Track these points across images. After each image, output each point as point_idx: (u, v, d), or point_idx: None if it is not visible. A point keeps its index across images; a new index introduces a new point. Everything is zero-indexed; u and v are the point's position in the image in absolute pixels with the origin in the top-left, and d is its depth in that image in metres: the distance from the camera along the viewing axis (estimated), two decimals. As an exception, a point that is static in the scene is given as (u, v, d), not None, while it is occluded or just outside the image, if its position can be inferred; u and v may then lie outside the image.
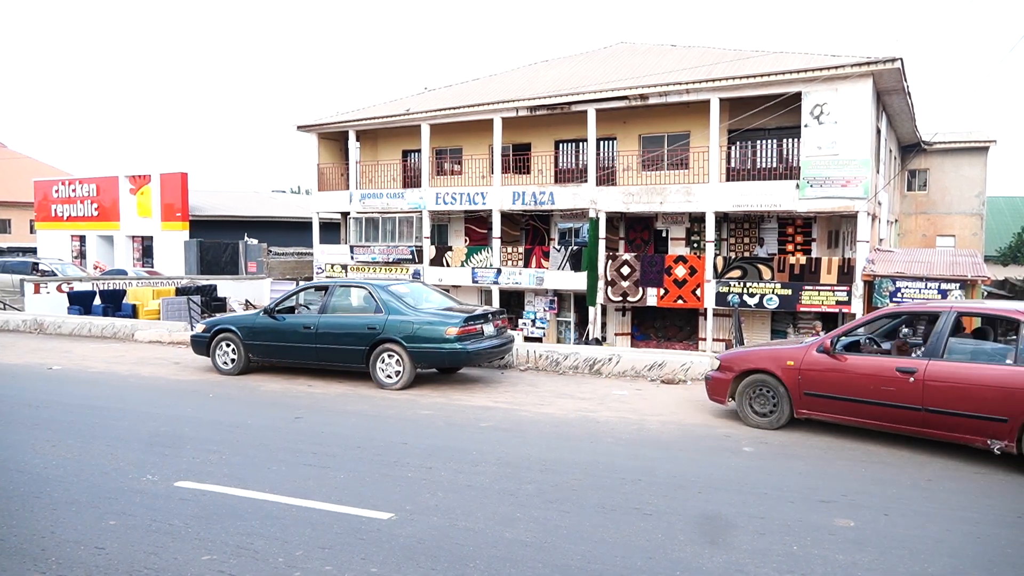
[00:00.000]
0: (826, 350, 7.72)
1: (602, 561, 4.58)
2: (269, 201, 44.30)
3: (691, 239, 22.32)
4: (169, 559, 4.56)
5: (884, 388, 7.21)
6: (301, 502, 5.58)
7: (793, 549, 4.79)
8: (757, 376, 8.18)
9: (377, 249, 25.46)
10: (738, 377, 8.33)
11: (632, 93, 20.59)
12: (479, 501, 5.67)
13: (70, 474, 6.31)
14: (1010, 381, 6.50)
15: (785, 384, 7.93)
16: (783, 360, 8.00)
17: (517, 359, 12.25)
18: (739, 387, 8.31)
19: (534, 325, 23.80)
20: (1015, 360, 6.64)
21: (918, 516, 5.44)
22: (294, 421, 8.42)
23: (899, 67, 17.57)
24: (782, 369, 7.97)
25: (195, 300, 21.31)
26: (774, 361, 8.08)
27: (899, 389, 7.09)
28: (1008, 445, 6.53)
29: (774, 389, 8.05)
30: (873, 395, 7.30)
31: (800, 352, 7.92)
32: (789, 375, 7.90)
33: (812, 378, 7.73)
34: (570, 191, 22.07)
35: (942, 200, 30.66)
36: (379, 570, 4.41)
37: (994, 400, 6.55)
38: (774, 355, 8.17)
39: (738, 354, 8.66)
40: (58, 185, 38.89)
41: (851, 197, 18.16)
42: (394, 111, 25.29)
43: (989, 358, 6.94)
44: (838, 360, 7.62)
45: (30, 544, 4.80)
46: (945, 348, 7.03)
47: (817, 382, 7.69)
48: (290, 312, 11.44)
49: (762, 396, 8.14)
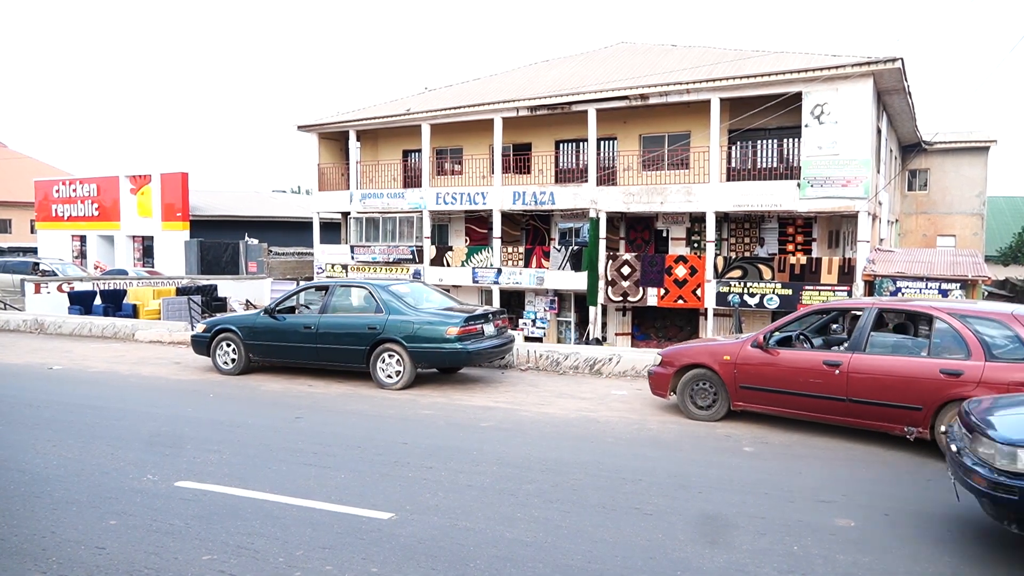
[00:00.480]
0: (760, 345, 8.11)
1: (602, 561, 4.58)
2: (269, 201, 44.31)
3: (691, 239, 22.32)
4: (169, 559, 4.56)
5: (812, 380, 7.63)
6: (302, 502, 5.58)
7: (794, 549, 4.79)
8: (697, 371, 8.54)
9: (377, 249, 25.47)
10: (679, 372, 8.68)
11: (632, 93, 20.59)
12: (479, 501, 5.67)
13: (71, 474, 6.31)
14: (924, 372, 6.98)
15: (722, 378, 8.31)
16: (720, 355, 8.37)
17: (518, 359, 12.25)
18: (680, 382, 8.66)
19: (534, 325, 23.80)
20: (928, 352, 7.13)
21: (919, 516, 5.44)
22: (294, 421, 8.42)
23: (900, 67, 17.56)
24: (719, 364, 8.34)
25: (195, 300, 21.31)
26: (712, 356, 8.45)
27: (826, 381, 7.51)
28: (922, 431, 6.99)
29: (713, 383, 8.41)
30: (803, 387, 7.70)
31: (736, 347, 8.29)
32: (726, 369, 8.28)
33: (747, 372, 8.12)
34: (570, 191, 22.07)
35: (943, 200, 30.64)
36: (380, 570, 4.41)
37: (910, 390, 7.02)
38: (712, 350, 8.54)
39: (679, 350, 9.02)
40: (59, 185, 38.91)
41: (851, 197, 18.15)
42: (394, 111, 25.30)
43: (907, 351, 7.48)
44: (771, 355, 8.02)
45: (31, 544, 4.80)
46: (867, 342, 7.48)
47: (752, 376, 8.08)
48: (290, 312, 11.44)
49: (702, 390, 8.50)
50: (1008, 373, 6.60)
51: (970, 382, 6.71)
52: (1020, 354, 6.65)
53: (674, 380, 8.71)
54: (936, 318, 7.20)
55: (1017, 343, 6.72)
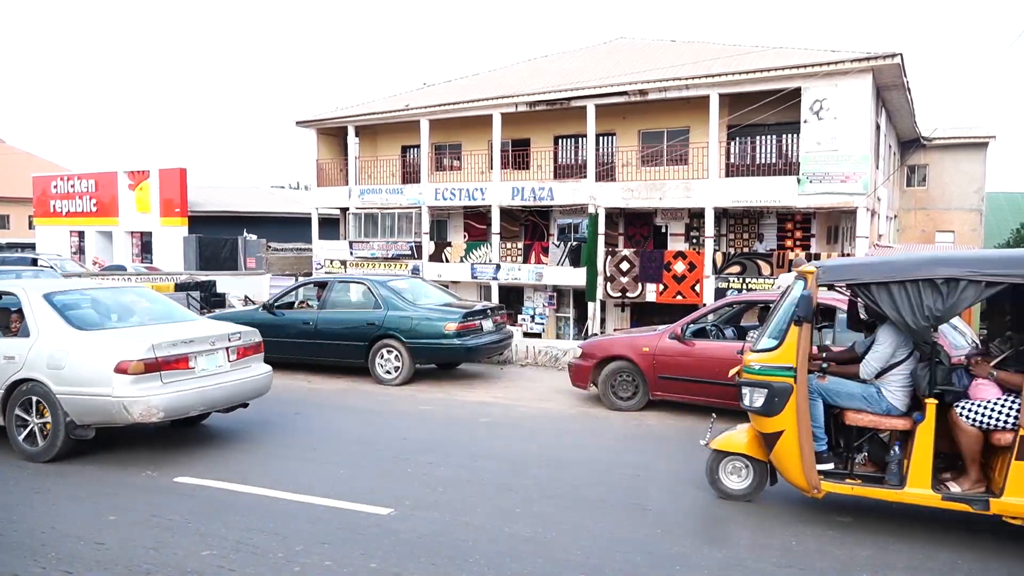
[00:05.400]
0: (677, 336, 8.40)
1: (601, 556, 4.59)
2: (268, 197, 44.23)
3: (690, 235, 22.32)
4: (169, 554, 4.57)
5: (727, 369, 7.69)
6: (300, 497, 5.58)
7: (792, 544, 4.80)
8: (617, 363, 8.77)
9: (376, 245, 25.45)
10: (599, 364, 8.89)
11: (631, 89, 20.56)
12: (479, 496, 5.68)
13: (69, 469, 6.31)
14: None
15: (641, 369, 8.56)
16: (639, 347, 8.63)
17: (516, 355, 12.26)
18: (602, 373, 8.86)
19: (533, 321, 23.81)
20: (833, 341, 7.53)
21: (916, 512, 5.44)
22: (293, 417, 8.43)
23: (899, 63, 17.54)
24: (639, 355, 8.58)
25: (194, 296, 21.21)
26: (631, 348, 8.68)
27: None
28: None
29: (633, 374, 8.67)
30: (718, 376, 7.78)
31: (654, 339, 8.56)
32: (645, 360, 8.54)
33: (665, 363, 8.39)
34: (569, 187, 22.06)
35: (941, 196, 30.64)
36: (379, 565, 4.42)
37: None
38: (631, 342, 8.78)
39: (598, 342, 9.28)
40: (57, 181, 38.80)
41: (850, 193, 18.14)
42: (393, 106, 25.25)
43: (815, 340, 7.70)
44: (687, 345, 8.32)
45: (30, 538, 4.80)
46: None
47: (669, 366, 8.36)
48: (289, 308, 11.44)
49: (624, 382, 8.75)
50: None
51: None
52: None
53: (594, 372, 8.92)
54: (838, 308, 7.44)
55: None
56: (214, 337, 6.90)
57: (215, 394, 6.73)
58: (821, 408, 5.24)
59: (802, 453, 5.01)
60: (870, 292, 4.91)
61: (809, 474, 5.03)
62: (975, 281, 4.61)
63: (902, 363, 5.05)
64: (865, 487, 5.00)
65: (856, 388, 5.17)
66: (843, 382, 5.25)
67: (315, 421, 8.23)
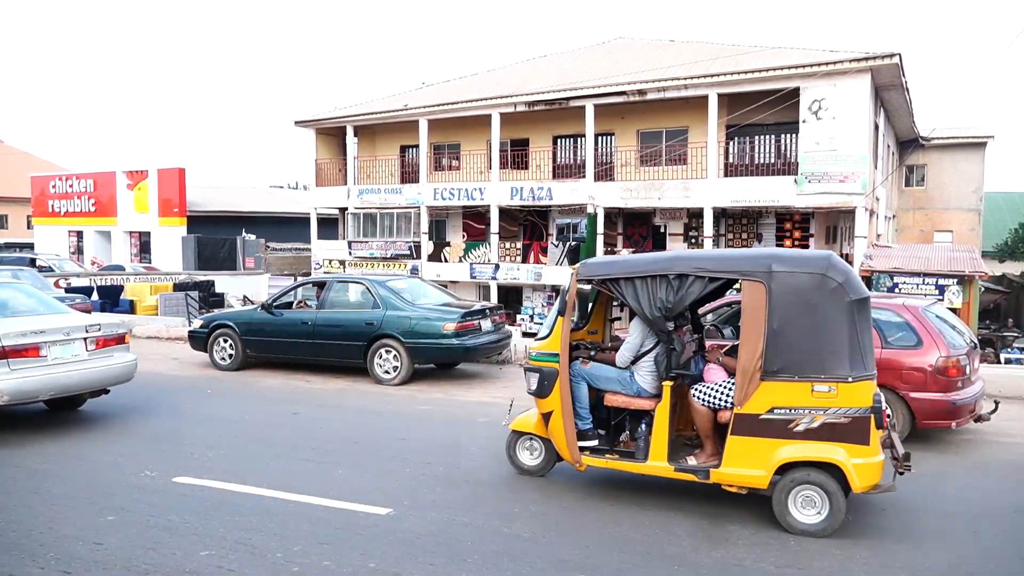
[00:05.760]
0: None
1: (600, 556, 4.59)
2: (267, 197, 44.22)
3: (689, 234, 22.32)
4: (167, 554, 4.56)
5: None
6: (299, 497, 5.58)
7: (790, 543, 4.80)
8: None
9: (375, 245, 25.45)
10: None
11: (630, 88, 20.57)
12: (477, 496, 5.68)
13: (68, 470, 6.31)
14: None
15: None
16: None
17: (515, 355, 12.25)
18: None
19: (532, 321, 23.80)
20: None
21: (915, 511, 5.45)
22: (292, 416, 8.42)
23: (897, 62, 17.56)
24: None
25: (193, 296, 21.24)
26: None
27: None
28: None
29: None
30: None
31: None
32: None
33: None
34: (568, 186, 22.06)
35: (940, 196, 30.66)
36: (377, 565, 4.42)
37: None
38: None
39: None
40: (55, 180, 38.76)
41: (849, 192, 18.16)
42: (392, 106, 25.25)
43: None
44: None
45: (28, 539, 4.80)
46: None
47: None
48: (288, 308, 11.43)
49: None
50: (900, 358, 7.07)
51: None
52: (911, 341, 7.13)
53: None
54: None
55: (908, 330, 7.18)
56: (69, 328, 7.56)
57: (67, 381, 7.41)
58: (585, 390, 5.78)
59: (566, 430, 5.60)
60: (619, 287, 5.48)
61: (572, 449, 5.61)
62: (700, 277, 5.19)
63: (651, 351, 5.56)
64: (619, 461, 5.57)
65: (613, 373, 5.74)
66: (603, 367, 5.82)
67: (314, 421, 8.21)
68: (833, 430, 4.82)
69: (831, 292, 4.88)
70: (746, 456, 5.01)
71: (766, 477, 4.96)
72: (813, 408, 4.84)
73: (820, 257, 5.08)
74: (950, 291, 16.89)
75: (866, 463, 4.78)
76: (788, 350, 4.90)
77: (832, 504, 4.85)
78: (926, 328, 7.13)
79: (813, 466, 4.89)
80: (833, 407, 4.81)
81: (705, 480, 5.21)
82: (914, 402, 6.96)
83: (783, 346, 4.90)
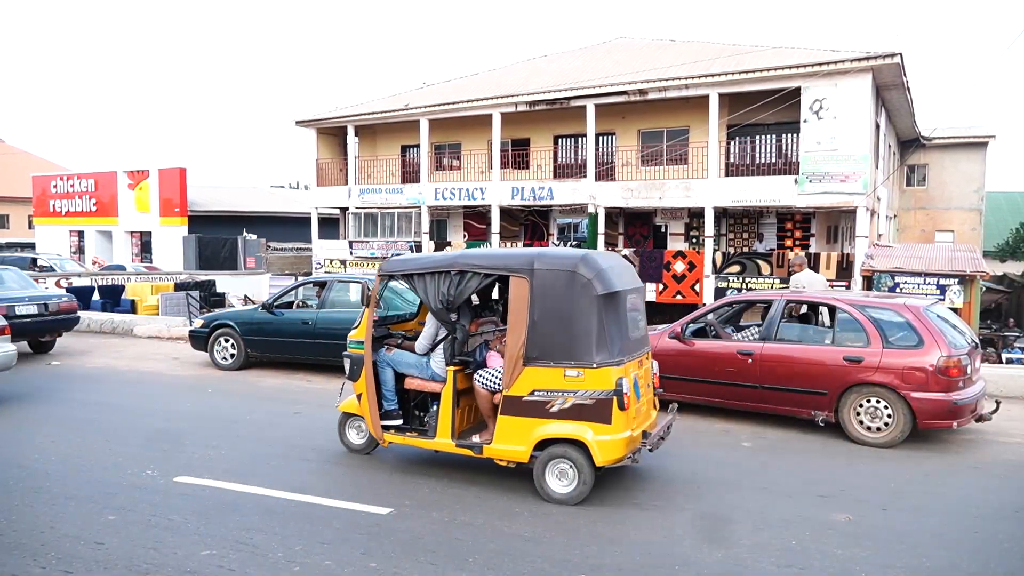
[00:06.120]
0: (677, 336, 8.45)
1: (600, 556, 4.59)
2: (268, 196, 44.22)
3: (690, 234, 22.32)
4: (168, 554, 4.56)
5: (727, 369, 7.96)
6: (300, 497, 5.58)
7: (791, 544, 4.80)
8: None
9: (376, 244, 25.44)
10: None
11: (631, 88, 20.55)
12: (478, 496, 5.68)
13: (69, 469, 6.31)
14: (828, 359, 7.43)
15: None
16: None
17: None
18: None
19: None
20: (832, 340, 7.63)
21: (917, 511, 5.45)
22: (293, 416, 8.42)
23: (898, 62, 17.54)
24: None
25: (194, 295, 21.23)
26: None
27: (740, 369, 7.89)
28: (829, 415, 7.39)
29: None
30: (718, 375, 8.05)
31: (654, 338, 8.50)
32: None
33: (665, 362, 8.28)
34: (569, 186, 22.05)
35: (941, 195, 30.63)
36: (378, 565, 4.42)
37: (816, 376, 7.44)
38: None
39: None
40: (56, 180, 38.78)
41: (850, 192, 18.14)
42: (393, 106, 25.24)
43: (812, 339, 8.01)
44: (687, 345, 8.36)
45: (29, 539, 4.80)
46: (777, 331, 7.90)
47: (669, 366, 8.19)
48: (288, 307, 11.43)
49: None
50: (902, 359, 7.06)
51: (870, 368, 7.16)
52: (912, 341, 7.12)
53: None
54: (839, 308, 7.66)
55: (909, 330, 7.18)
56: None
57: None
58: (391, 375, 6.34)
59: (371, 410, 6.22)
60: (412, 281, 6.10)
61: (376, 427, 6.22)
62: (476, 273, 5.77)
63: (444, 340, 6.05)
64: (415, 438, 6.18)
65: (413, 359, 6.32)
66: (405, 354, 6.41)
67: (315, 420, 8.21)
68: (581, 411, 5.37)
69: (581, 287, 5.40)
70: (512, 434, 5.57)
71: (527, 452, 5.54)
72: (565, 391, 5.41)
73: (574, 255, 5.62)
74: (951, 291, 16.89)
75: (609, 440, 5.31)
76: (545, 338, 5.46)
77: (580, 476, 5.42)
78: (927, 328, 7.12)
79: (566, 442, 5.45)
80: (581, 390, 5.37)
81: (480, 455, 5.77)
82: (915, 402, 6.94)
83: (541, 335, 5.47)
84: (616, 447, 5.32)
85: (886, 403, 7.09)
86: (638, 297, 6.20)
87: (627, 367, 5.50)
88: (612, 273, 5.63)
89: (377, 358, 6.34)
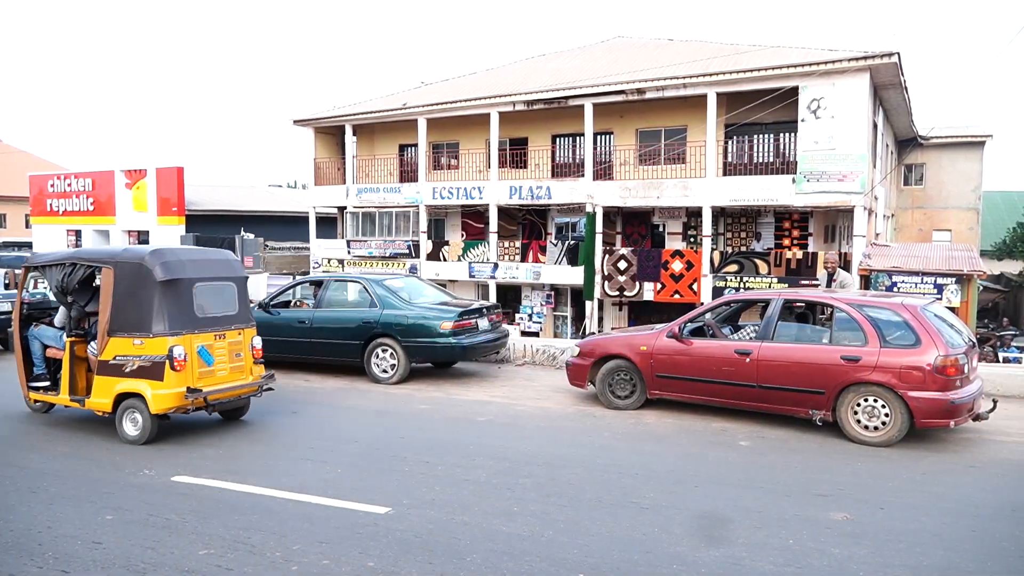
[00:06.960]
0: (674, 335, 8.40)
1: (599, 555, 4.59)
2: (265, 196, 44.10)
3: (688, 233, 22.32)
4: (166, 553, 4.56)
5: (725, 368, 7.97)
6: (298, 496, 5.58)
7: (789, 543, 4.80)
8: (615, 362, 8.76)
9: (374, 244, 25.41)
10: (597, 363, 8.91)
11: (629, 87, 20.54)
12: (476, 495, 5.67)
13: (66, 469, 6.30)
14: (826, 358, 7.40)
15: (639, 368, 8.55)
16: (637, 346, 8.61)
17: (514, 354, 12.25)
18: (599, 372, 8.89)
19: (531, 319, 23.79)
20: (830, 340, 7.62)
21: (914, 509, 5.45)
22: (291, 415, 8.41)
23: (896, 61, 17.55)
24: (636, 354, 8.58)
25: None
26: (629, 347, 8.70)
27: (737, 369, 7.87)
28: (826, 414, 7.38)
29: (631, 373, 8.65)
30: (716, 375, 8.04)
31: (652, 338, 8.58)
32: (643, 359, 8.53)
33: (663, 361, 8.39)
34: (567, 185, 22.04)
35: (938, 195, 30.65)
36: (376, 564, 4.41)
37: (814, 375, 7.42)
38: (629, 341, 8.81)
39: (596, 341, 9.33)
40: (53, 179, 38.65)
41: (848, 191, 18.15)
42: (391, 105, 25.20)
43: (810, 339, 8.02)
44: (685, 344, 8.33)
45: (27, 539, 4.79)
46: (775, 331, 7.87)
47: (667, 365, 8.35)
48: (285, 307, 11.42)
49: (622, 380, 8.73)
50: (899, 358, 7.04)
51: (867, 367, 7.14)
52: (909, 340, 7.10)
53: (592, 371, 8.93)
54: (836, 308, 7.66)
55: (906, 329, 7.16)
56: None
57: None
58: (39, 346, 8.00)
59: (19, 375, 8.06)
60: (44, 271, 7.77)
61: (24, 390, 8.04)
62: (80, 265, 7.44)
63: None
64: (49, 396, 7.86)
65: (52, 332, 7.94)
66: (48, 329, 8.02)
67: (312, 420, 8.21)
68: (144, 370, 6.95)
69: (146, 274, 7.01)
70: (102, 390, 7.18)
71: (110, 404, 7.13)
72: (134, 356, 7.00)
73: (144, 251, 7.24)
74: (948, 290, 16.91)
75: (163, 394, 6.88)
76: (123, 315, 7.06)
77: (146, 421, 6.98)
78: (925, 327, 7.13)
79: (133, 396, 7.01)
80: (144, 355, 6.95)
81: (83, 407, 7.41)
82: (913, 401, 6.95)
83: (120, 312, 7.06)
84: (168, 399, 6.88)
85: (883, 402, 7.09)
86: (224, 284, 7.70)
87: (187, 338, 7.03)
88: (182, 265, 7.21)
89: (28, 333, 8.01)
